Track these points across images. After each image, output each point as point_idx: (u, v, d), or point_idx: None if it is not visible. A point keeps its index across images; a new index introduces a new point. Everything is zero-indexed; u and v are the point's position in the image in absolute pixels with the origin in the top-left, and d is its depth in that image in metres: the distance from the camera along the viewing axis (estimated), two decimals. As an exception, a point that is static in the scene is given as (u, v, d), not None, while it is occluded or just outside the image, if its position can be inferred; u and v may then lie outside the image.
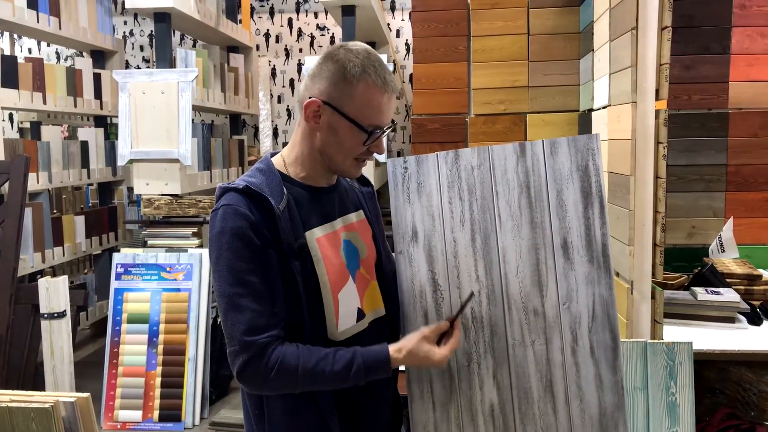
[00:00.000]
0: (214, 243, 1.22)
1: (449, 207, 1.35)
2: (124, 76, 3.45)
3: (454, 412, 1.36)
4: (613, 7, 2.37)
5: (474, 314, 1.34)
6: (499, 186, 1.33)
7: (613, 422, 1.26)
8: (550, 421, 1.30)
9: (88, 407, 1.41)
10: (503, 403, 1.33)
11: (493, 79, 3.29)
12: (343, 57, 1.23)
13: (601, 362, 1.27)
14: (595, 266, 1.27)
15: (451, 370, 1.35)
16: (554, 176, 1.30)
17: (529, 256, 1.31)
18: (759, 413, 2.25)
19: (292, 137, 1.34)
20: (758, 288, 2.50)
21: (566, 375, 1.29)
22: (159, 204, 3.46)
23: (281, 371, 1.18)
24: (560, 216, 1.29)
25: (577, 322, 1.28)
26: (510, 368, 1.32)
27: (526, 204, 1.31)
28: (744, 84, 2.86)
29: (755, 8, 2.83)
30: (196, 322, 3.28)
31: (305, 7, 5.30)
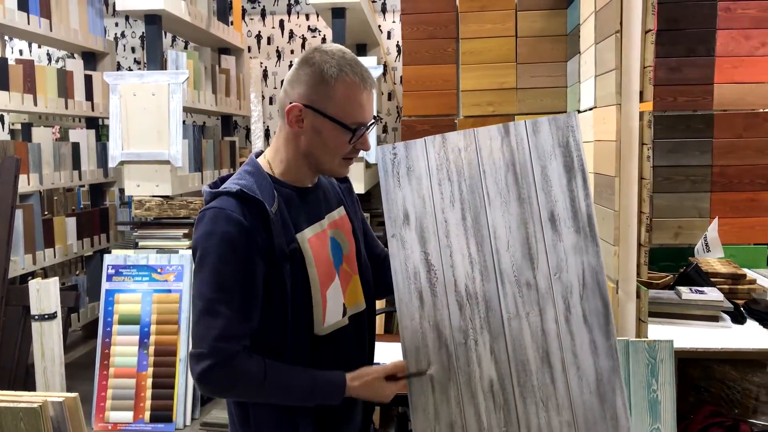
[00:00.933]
0: (200, 243, 1.22)
1: (439, 189, 1.39)
2: (114, 77, 3.46)
3: (454, 392, 1.38)
4: (598, 10, 2.40)
5: (468, 291, 1.37)
6: (486, 166, 1.37)
7: (610, 386, 1.29)
8: (549, 391, 1.33)
9: (76, 407, 1.42)
10: (502, 378, 1.35)
11: (482, 81, 3.32)
12: (319, 59, 1.25)
13: (594, 329, 1.30)
14: (582, 236, 1.31)
15: (449, 349, 1.38)
16: (538, 153, 1.34)
17: (519, 231, 1.34)
18: (743, 411, 2.28)
19: (273, 141, 1.35)
20: (742, 287, 2.53)
21: (561, 344, 1.32)
22: (150, 205, 3.47)
23: (245, 382, 1.21)
24: (546, 190, 1.33)
25: (568, 291, 1.31)
26: (506, 342, 1.35)
27: (513, 181, 1.35)
28: (728, 86, 2.90)
29: (739, 11, 2.87)
30: (187, 323, 3.29)
31: (296, 9, 5.31)
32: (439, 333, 1.39)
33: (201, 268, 1.21)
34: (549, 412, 1.32)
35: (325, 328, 1.32)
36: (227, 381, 1.21)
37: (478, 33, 3.31)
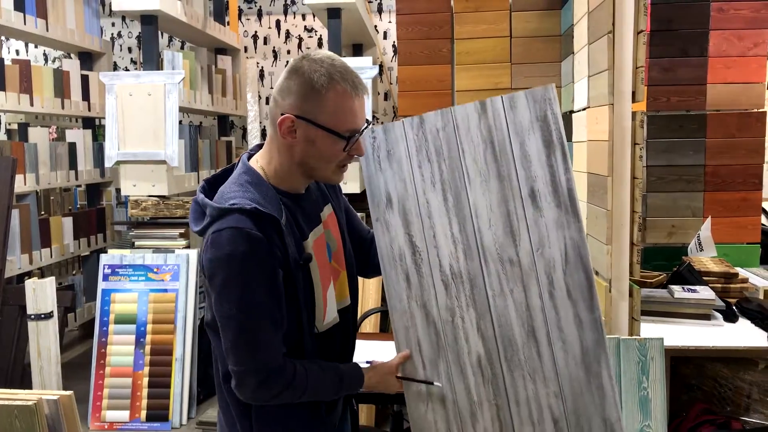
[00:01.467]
0: (221, 265, 1.19)
1: (419, 170, 1.40)
2: (111, 77, 3.47)
3: (444, 368, 1.41)
4: (591, 11, 2.41)
5: (453, 270, 1.39)
6: (465, 144, 1.37)
7: (595, 359, 1.30)
8: (535, 365, 1.34)
9: (71, 405, 1.44)
10: (489, 353, 1.37)
11: (476, 81, 3.33)
12: (307, 69, 1.23)
13: (579, 303, 1.31)
14: (563, 211, 1.31)
15: (437, 327, 1.40)
16: (516, 129, 1.33)
17: (500, 208, 1.35)
18: (734, 408, 2.30)
19: (266, 149, 1.33)
20: (734, 286, 2.55)
21: (546, 319, 1.33)
22: (146, 205, 3.48)
23: (290, 390, 1.25)
24: (525, 166, 1.33)
25: (551, 267, 1.32)
26: (492, 318, 1.37)
27: (492, 159, 1.35)
28: (721, 86, 2.92)
29: (732, 12, 2.89)
30: (183, 322, 3.30)
31: (293, 9, 5.32)
32: (426, 312, 1.41)
33: (226, 290, 1.20)
34: (536, 384, 1.35)
35: (324, 325, 1.35)
36: (275, 392, 1.24)
37: (473, 33, 3.33)
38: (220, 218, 1.21)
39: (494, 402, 1.38)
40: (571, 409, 1.33)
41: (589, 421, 1.31)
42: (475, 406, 1.39)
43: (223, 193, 1.27)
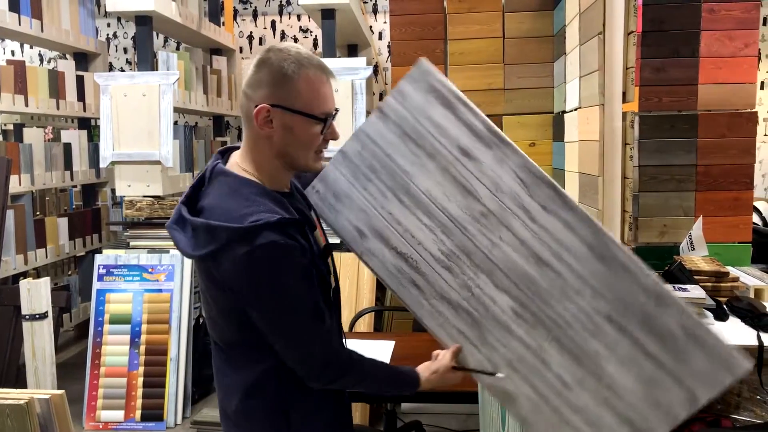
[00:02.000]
0: (266, 283, 1.21)
1: (366, 192, 1.47)
2: (105, 78, 3.48)
3: (492, 338, 1.44)
4: (582, 12, 2.43)
5: (445, 253, 1.45)
6: (387, 149, 1.46)
7: (603, 247, 1.35)
8: (560, 284, 1.38)
9: (63, 404, 1.45)
10: (518, 300, 1.41)
11: (470, 82, 3.35)
12: (275, 58, 1.26)
13: (557, 210, 1.36)
14: (495, 147, 1.39)
15: (463, 307, 1.45)
16: (417, 111, 1.43)
17: (446, 179, 1.43)
18: (725, 406, 2.31)
19: (242, 151, 1.33)
20: (725, 285, 2.56)
21: (542, 240, 1.38)
22: (141, 205, 3.49)
23: (352, 374, 1.35)
24: (443, 134, 1.42)
25: (516, 197, 1.39)
26: (501, 270, 1.42)
27: (415, 146, 1.44)
28: (712, 86, 2.92)
29: (723, 12, 2.90)
30: (178, 322, 3.31)
31: (288, 9, 5.33)
32: (448, 301, 1.46)
33: (275, 303, 1.25)
34: (572, 299, 1.38)
35: None
36: (338, 374, 1.34)
37: (466, 34, 3.34)
38: (244, 238, 1.19)
39: (550, 338, 1.40)
40: (613, 300, 1.35)
41: (635, 299, 1.34)
42: (539, 352, 1.41)
43: (231, 211, 1.24)
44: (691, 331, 1.33)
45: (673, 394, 1.33)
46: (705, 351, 1.32)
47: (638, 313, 1.35)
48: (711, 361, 1.31)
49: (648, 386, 1.34)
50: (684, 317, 1.33)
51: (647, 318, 1.34)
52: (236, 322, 1.30)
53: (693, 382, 1.32)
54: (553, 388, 1.39)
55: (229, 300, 1.27)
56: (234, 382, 1.34)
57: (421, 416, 3.01)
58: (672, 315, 1.33)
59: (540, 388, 1.40)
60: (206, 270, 1.27)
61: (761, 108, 5.06)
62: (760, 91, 5.03)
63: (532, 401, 1.41)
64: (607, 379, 1.36)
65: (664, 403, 1.33)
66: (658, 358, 1.33)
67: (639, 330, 1.34)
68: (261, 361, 1.31)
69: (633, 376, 1.35)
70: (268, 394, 1.32)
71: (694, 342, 1.32)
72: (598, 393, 1.37)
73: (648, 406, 1.34)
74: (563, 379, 1.39)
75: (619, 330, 1.35)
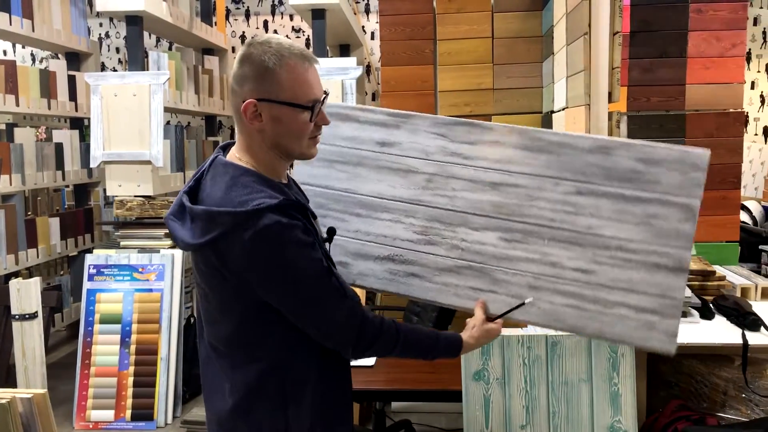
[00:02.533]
0: (275, 264, 1.22)
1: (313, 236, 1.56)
2: (95, 78, 3.48)
3: (505, 276, 1.49)
4: (569, 12, 2.44)
5: (418, 231, 1.53)
6: (322, 182, 1.60)
7: (533, 138, 1.47)
8: (521, 192, 1.48)
9: (45, 404, 1.45)
10: (500, 227, 1.49)
11: (459, 82, 3.36)
12: (256, 52, 1.27)
13: (481, 138, 1.51)
14: (403, 125, 1.54)
15: (464, 264, 1.51)
16: (328, 139, 1.59)
17: (382, 174, 1.54)
18: (711, 404, 2.33)
19: (238, 144, 1.35)
20: (711, 284, 2.58)
21: (486, 168, 1.49)
22: (131, 205, 3.49)
23: (384, 338, 1.34)
24: (358, 142, 1.58)
25: (443, 149, 1.52)
26: (470, 214, 1.50)
27: (342, 165, 1.58)
28: (700, 86, 2.94)
29: (710, 13, 2.92)
30: (168, 322, 3.31)
31: (280, 9, 5.34)
32: (449, 269, 1.51)
33: (288, 280, 1.24)
34: (541, 198, 1.46)
35: None
36: (371, 340, 1.32)
37: (455, 34, 3.36)
38: (248, 222, 1.20)
39: (546, 241, 1.46)
40: (571, 176, 1.45)
41: (586, 162, 1.44)
42: (545, 259, 1.46)
43: (230, 200, 1.25)
44: (644, 156, 1.42)
45: (671, 216, 1.39)
46: (666, 165, 1.40)
47: (597, 172, 1.43)
48: (677, 169, 1.40)
49: (648, 225, 1.40)
50: (631, 150, 1.42)
51: (606, 171, 1.43)
52: (237, 317, 1.29)
53: (677, 196, 1.39)
54: (577, 282, 1.44)
55: (234, 289, 1.26)
56: (234, 382, 1.32)
57: (410, 415, 3.02)
58: (622, 155, 1.42)
59: (568, 289, 1.44)
60: (206, 260, 1.27)
61: (752, 108, 5.08)
62: (751, 91, 5.05)
63: (571, 306, 1.45)
64: (613, 242, 1.42)
65: (671, 229, 1.39)
66: (637, 196, 1.41)
67: (607, 185, 1.42)
68: (260, 359, 1.30)
69: (631, 225, 1.41)
70: (268, 393, 1.31)
71: (653, 163, 1.41)
72: (615, 260, 1.42)
73: (659, 240, 1.40)
74: (581, 268, 1.44)
75: (592, 196, 1.43)
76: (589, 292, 1.42)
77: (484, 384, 1.71)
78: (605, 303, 1.41)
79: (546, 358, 1.70)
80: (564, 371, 1.69)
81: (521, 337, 1.70)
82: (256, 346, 1.30)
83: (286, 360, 1.31)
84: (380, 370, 2.17)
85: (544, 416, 1.70)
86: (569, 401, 1.69)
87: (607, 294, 1.41)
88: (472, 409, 1.75)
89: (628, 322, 1.41)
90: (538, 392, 1.69)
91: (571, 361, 1.72)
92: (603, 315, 1.41)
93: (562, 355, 1.69)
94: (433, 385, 2.05)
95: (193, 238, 1.25)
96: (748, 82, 5.03)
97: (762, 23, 5.03)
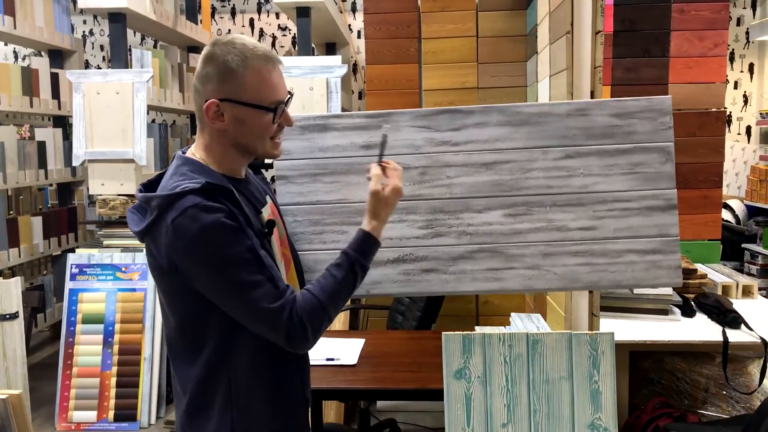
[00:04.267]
0: (194, 246, 1.18)
1: (328, 243, 1.59)
2: (78, 76, 3.45)
3: (512, 250, 1.54)
4: (552, 11, 2.45)
5: (425, 227, 1.56)
6: (311, 198, 1.61)
7: (513, 113, 1.54)
8: (515, 167, 1.54)
9: (21, 405, 1.43)
10: (502, 204, 1.55)
11: (444, 81, 3.36)
12: (220, 53, 1.25)
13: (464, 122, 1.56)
14: (384, 124, 1.54)
15: (474, 249, 1.55)
16: (307, 153, 1.61)
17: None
18: (692, 401, 2.34)
19: (198, 141, 1.34)
20: (693, 282, 2.60)
21: (476, 150, 1.53)
22: (114, 204, 3.46)
23: (312, 315, 1.23)
24: (341, 150, 1.59)
25: (430, 140, 1.55)
26: (471, 198, 1.55)
27: (328, 177, 1.60)
28: (682, 86, 2.97)
29: (692, 13, 2.94)
30: (152, 321, 3.29)
31: (266, 7, 5.31)
32: (460, 256, 1.56)
33: (209, 265, 1.19)
34: (534, 168, 1.53)
35: None
36: (304, 324, 1.22)
37: (440, 33, 3.36)
38: (171, 206, 1.19)
39: (547, 208, 1.53)
40: (556, 142, 1.53)
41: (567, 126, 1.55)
42: (551, 226, 1.55)
43: (165, 186, 1.26)
44: (617, 111, 1.54)
45: (652, 161, 1.53)
46: (636, 116, 1.53)
47: (579, 134, 1.53)
48: (647, 118, 1.54)
49: (635, 173, 1.52)
50: (605, 108, 1.55)
51: (587, 131, 1.53)
52: (179, 312, 1.27)
53: (653, 141, 1.53)
54: (584, 240, 1.52)
55: (172, 280, 1.24)
56: (183, 381, 1.30)
57: (395, 414, 3.02)
58: (598, 113, 1.53)
59: (578, 249, 1.53)
60: (149, 250, 1.26)
61: (735, 107, 5.12)
62: (734, 91, 5.10)
63: (583, 264, 1.54)
64: (609, 195, 1.52)
65: (655, 172, 1.54)
66: (619, 148, 1.52)
67: (591, 143, 1.52)
68: (203, 355, 1.27)
69: (620, 177, 1.53)
70: (214, 391, 1.28)
71: (627, 116, 1.54)
72: (613, 211, 1.52)
73: (648, 185, 1.53)
74: (585, 227, 1.53)
75: (580, 157, 1.52)
76: (597, 247, 1.52)
77: (466, 382, 1.71)
78: (613, 254, 1.52)
79: (527, 356, 1.70)
80: (545, 369, 1.69)
81: (502, 335, 1.69)
82: (199, 340, 1.27)
83: (229, 355, 1.27)
84: (364, 369, 2.17)
85: (525, 414, 1.70)
86: (550, 399, 1.69)
87: (613, 245, 1.52)
88: (454, 407, 1.75)
89: (636, 266, 1.53)
90: (519, 390, 1.69)
91: (552, 358, 1.72)
92: (613, 265, 1.52)
93: (543, 353, 1.69)
94: (417, 383, 2.05)
95: (137, 225, 1.26)
96: (732, 82, 5.07)
97: (745, 23, 5.07)
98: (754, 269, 4.58)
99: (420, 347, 2.38)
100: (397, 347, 2.42)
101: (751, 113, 5.09)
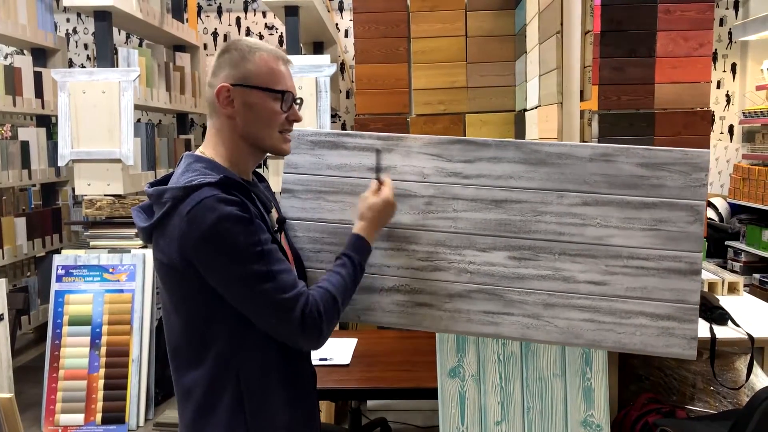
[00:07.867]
0: (210, 237, 1.18)
1: (325, 263, 1.52)
2: (63, 75, 3.40)
3: (513, 296, 1.45)
4: (541, 11, 2.46)
5: (424, 258, 1.48)
6: (314, 215, 1.55)
7: (532, 151, 1.43)
8: (526, 208, 1.45)
9: (11, 408, 1.41)
10: (507, 246, 1.45)
11: (433, 80, 3.36)
12: (234, 46, 1.33)
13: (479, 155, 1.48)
14: (395, 147, 1.51)
15: (473, 289, 1.46)
16: (314, 169, 1.56)
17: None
18: (680, 397, 2.37)
19: (208, 138, 1.35)
20: (680, 279, 2.63)
21: (487, 185, 1.43)
22: (101, 204, 3.43)
23: (327, 306, 1.25)
24: (348, 169, 1.54)
25: (440, 170, 1.48)
26: (475, 235, 1.46)
27: (333, 195, 1.55)
28: (668, 85, 2.99)
29: (678, 13, 2.97)
30: (140, 322, 3.26)
31: (253, 6, 5.29)
32: (457, 294, 1.47)
33: (221, 256, 1.19)
34: (547, 212, 1.43)
35: None
36: (318, 317, 1.23)
37: (429, 32, 3.36)
38: (186, 197, 1.20)
39: (556, 255, 1.43)
40: (575, 187, 1.42)
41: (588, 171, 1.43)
42: (557, 275, 1.44)
43: (177, 182, 1.26)
44: (646, 161, 1.39)
45: (678, 219, 1.38)
46: (668, 168, 1.38)
47: (600, 181, 1.39)
48: (679, 172, 1.38)
49: (657, 230, 1.38)
50: (631, 155, 1.40)
51: (609, 178, 1.39)
52: (186, 311, 1.26)
53: (682, 198, 1.38)
54: (592, 295, 1.40)
55: (182, 277, 1.23)
56: (190, 382, 1.29)
57: (386, 413, 3.02)
58: (623, 161, 1.39)
59: (584, 304, 1.41)
60: (157, 246, 1.26)
61: (718, 107, 5.19)
62: (717, 90, 5.16)
63: (588, 320, 1.41)
64: (625, 250, 1.39)
65: (680, 232, 1.38)
66: (643, 201, 1.38)
67: (612, 192, 1.39)
68: (213, 355, 1.27)
69: (640, 232, 1.38)
70: (226, 392, 1.28)
71: (656, 167, 1.38)
72: (628, 268, 1.39)
73: (670, 245, 1.38)
74: (594, 281, 1.40)
75: (598, 205, 1.40)
76: (604, 304, 1.40)
77: (460, 381, 1.71)
78: (622, 314, 1.39)
79: (520, 355, 1.71)
80: (538, 367, 1.70)
81: (496, 333, 1.70)
82: (206, 340, 1.27)
83: (238, 353, 1.27)
84: (356, 368, 2.17)
85: (518, 412, 1.71)
86: (543, 397, 1.70)
87: (623, 304, 1.39)
88: (448, 406, 1.75)
89: (646, 330, 1.39)
90: (513, 388, 1.70)
91: (545, 357, 1.73)
92: (620, 326, 1.39)
93: (536, 352, 1.70)
94: (408, 383, 2.06)
95: (146, 221, 1.27)
96: (714, 82, 5.14)
97: (728, 24, 5.14)
98: (737, 266, 4.64)
99: (413, 346, 2.38)
100: (390, 346, 2.42)
101: (733, 112, 5.16)
